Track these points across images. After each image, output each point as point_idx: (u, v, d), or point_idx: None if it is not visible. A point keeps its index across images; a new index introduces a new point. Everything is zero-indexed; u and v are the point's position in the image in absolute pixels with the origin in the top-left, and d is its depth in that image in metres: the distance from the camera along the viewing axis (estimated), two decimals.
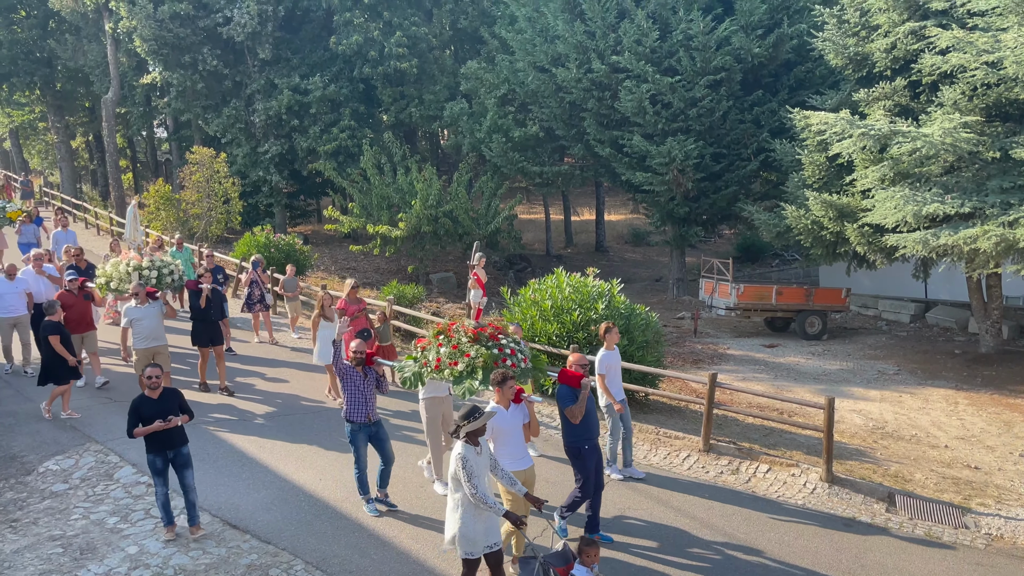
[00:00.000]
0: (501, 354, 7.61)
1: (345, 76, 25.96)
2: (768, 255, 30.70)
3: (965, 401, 13.23)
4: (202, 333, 12.03)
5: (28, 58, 32.56)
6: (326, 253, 25.52)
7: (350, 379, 8.18)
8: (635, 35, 20.91)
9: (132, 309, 11.01)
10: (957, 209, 13.02)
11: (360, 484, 8.33)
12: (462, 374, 7.56)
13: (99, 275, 12.66)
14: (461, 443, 5.97)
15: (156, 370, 7.58)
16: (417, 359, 7.99)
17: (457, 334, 7.80)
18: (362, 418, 8.18)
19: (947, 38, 13.19)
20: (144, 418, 7.48)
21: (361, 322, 12.02)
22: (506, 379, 6.91)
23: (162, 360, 11.02)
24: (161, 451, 7.62)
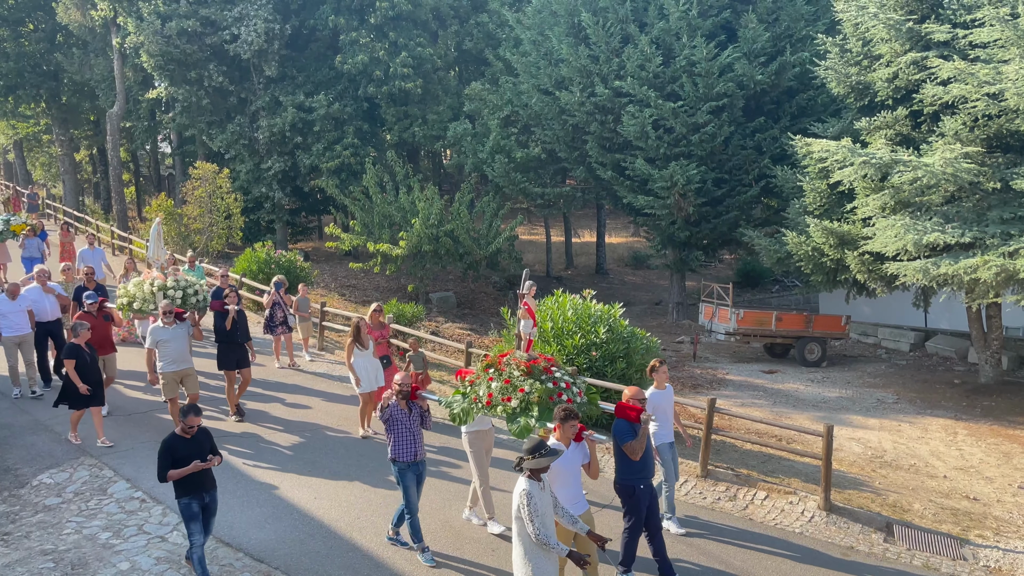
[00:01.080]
0: (556, 388, 7.15)
1: (350, 95, 26.11)
2: (768, 281, 30.72)
3: (964, 431, 13.18)
4: (228, 356, 11.49)
5: (35, 71, 32.76)
6: (326, 270, 25.53)
7: (395, 419, 7.70)
8: (638, 60, 21.06)
9: (159, 330, 10.51)
10: (958, 239, 13.04)
11: (413, 531, 7.75)
12: (516, 411, 7.08)
13: (121, 295, 12.13)
14: (524, 479, 5.67)
15: (197, 420, 7.00)
16: (466, 394, 7.51)
17: (508, 367, 7.33)
18: (410, 457, 7.68)
19: (949, 69, 13.27)
20: (179, 459, 6.91)
21: (383, 348, 11.52)
22: (570, 416, 6.45)
23: (190, 384, 10.70)
24: (198, 494, 7.07)
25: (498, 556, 7.81)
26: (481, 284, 26.29)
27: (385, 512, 8.59)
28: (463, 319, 21.96)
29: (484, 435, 8.31)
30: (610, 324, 11.96)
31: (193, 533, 7.06)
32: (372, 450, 10.66)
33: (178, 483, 6.97)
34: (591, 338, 11.72)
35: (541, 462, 5.65)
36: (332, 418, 11.90)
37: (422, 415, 7.87)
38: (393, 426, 7.67)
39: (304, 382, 13.83)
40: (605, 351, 11.69)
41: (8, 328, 12.06)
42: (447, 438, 11.22)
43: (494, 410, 7.16)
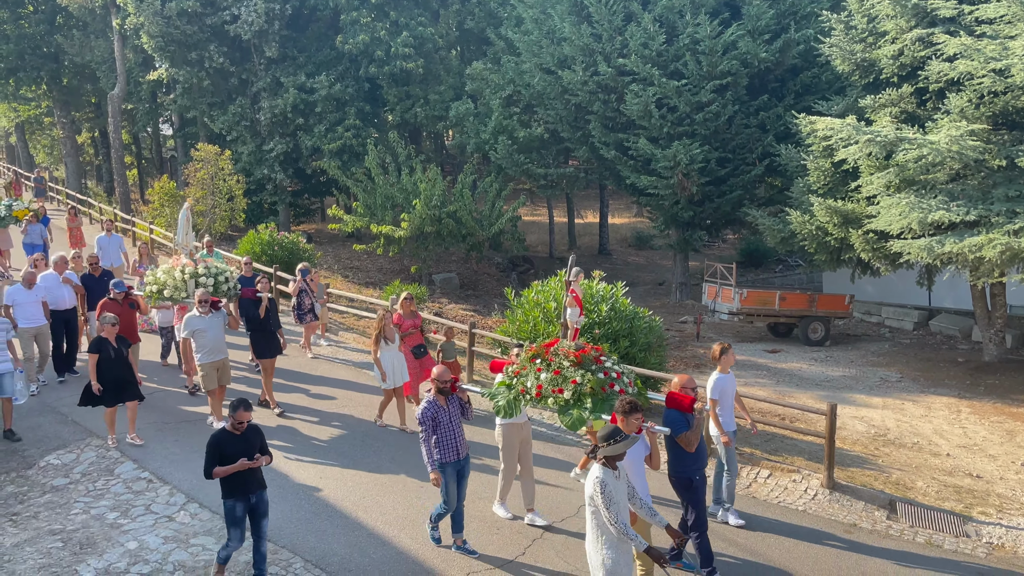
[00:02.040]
0: (607, 378, 6.89)
1: (351, 75, 25.98)
2: (772, 260, 30.67)
3: (968, 409, 13.19)
4: (263, 344, 11.22)
5: (35, 53, 32.64)
6: (329, 252, 25.53)
7: (436, 419, 7.34)
8: (642, 38, 20.90)
9: (195, 319, 10.16)
10: (962, 217, 12.99)
11: (437, 518, 7.66)
12: (568, 403, 6.80)
13: (149, 282, 11.60)
14: (599, 466, 5.46)
15: (247, 415, 6.66)
16: (511, 386, 7.20)
17: (557, 358, 7.05)
18: (453, 455, 7.39)
19: (955, 45, 13.16)
20: (226, 456, 6.59)
21: (416, 338, 11.25)
22: (634, 408, 6.10)
23: (225, 374, 10.45)
24: (244, 496, 6.71)
25: (537, 549, 7.75)
26: (484, 265, 26.28)
27: (392, 492, 8.63)
28: (466, 300, 21.98)
29: (519, 428, 8.11)
30: (612, 303, 11.96)
31: (232, 539, 6.77)
32: (385, 435, 10.67)
33: (224, 482, 6.66)
34: (593, 317, 11.72)
35: (616, 449, 5.43)
36: (360, 407, 11.61)
37: (462, 406, 7.60)
38: (435, 427, 7.33)
39: (332, 371, 13.49)
40: (607, 330, 11.69)
41: (24, 319, 11.65)
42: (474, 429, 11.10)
43: (544, 402, 6.90)
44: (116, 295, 11.09)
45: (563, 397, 6.78)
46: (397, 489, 9.00)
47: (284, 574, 7.18)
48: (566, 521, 8.33)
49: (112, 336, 9.61)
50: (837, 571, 7.49)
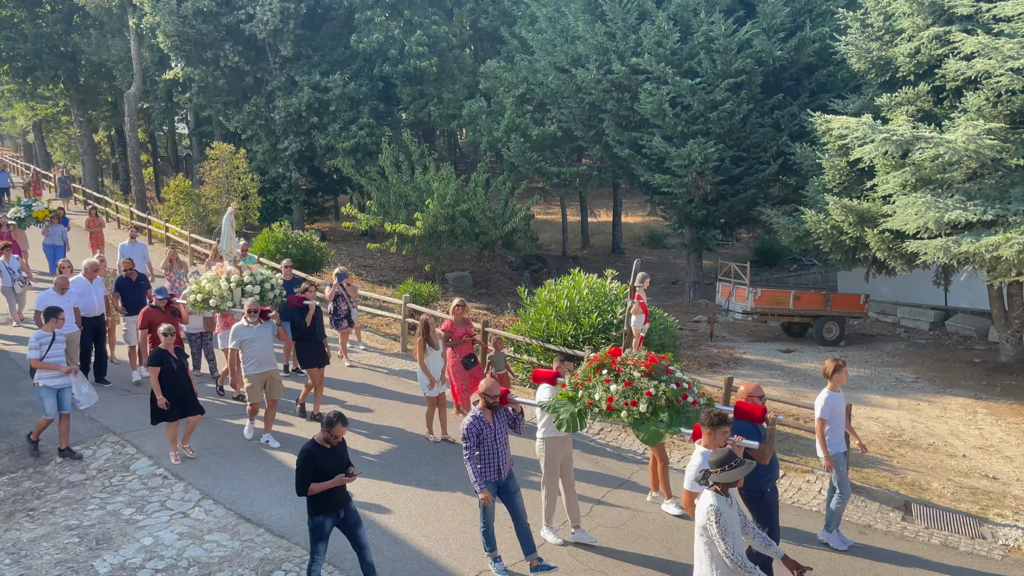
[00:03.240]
0: (680, 389, 6.57)
1: (365, 74, 26.05)
2: (786, 260, 30.51)
3: (984, 410, 13.09)
4: (309, 353, 10.75)
5: (52, 52, 32.91)
6: (343, 250, 25.61)
7: (481, 435, 6.92)
8: (656, 37, 20.84)
9: (243, 329, 9.79)
10: (979, 216, 12.88)
11: (486, 538, 7.21)
12: (644, 416, 6.45)
13: (193, 290, 11.20)
14: (711, 493, 5.14)
15: (343, 430, 6.38)
16: (576, 398, 6.79)
17: (626, 367, 6.68)
18: (494, 475, 7.01)
19: (972, 44, 13.05)
20: (320, 472, 6.29)
21: (467, 347, 10.80)
22: (723, 421, 5.83)
23: (274, 387, 10.02)
24: (334, 511, 6.49)
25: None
26: (497, 264, 26.29)
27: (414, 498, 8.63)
28: (479, 298, 22.00)
29: (562, 441, 7.75)
30: (626, 303, 11.94)
31: (318, 553, 6.52)
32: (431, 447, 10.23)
33: (313, 499, 6.39)
34: (608, 317, 11.71)
35: (732, 476, 5.08)
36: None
37: (513, 419, 7.21)
38: (480, 444, 6.95)
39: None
40: (622, 331, 11.67)
41: None
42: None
43: (617, 415, 6.54)
44: (159, 302, 10.72)
45: (637, 410, 6.41)
46: (410, 489, 9.02)
47: (298, 572, 7.22)
48: (615, 538, 7.97)
49: (171, 348, 9.23)
50: (851, 572, 7.46)
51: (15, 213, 19.18)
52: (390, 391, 12.44)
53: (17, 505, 8.47)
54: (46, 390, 9.31)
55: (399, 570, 7.34)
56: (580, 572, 7.37)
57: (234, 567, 7.28)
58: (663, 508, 8.59)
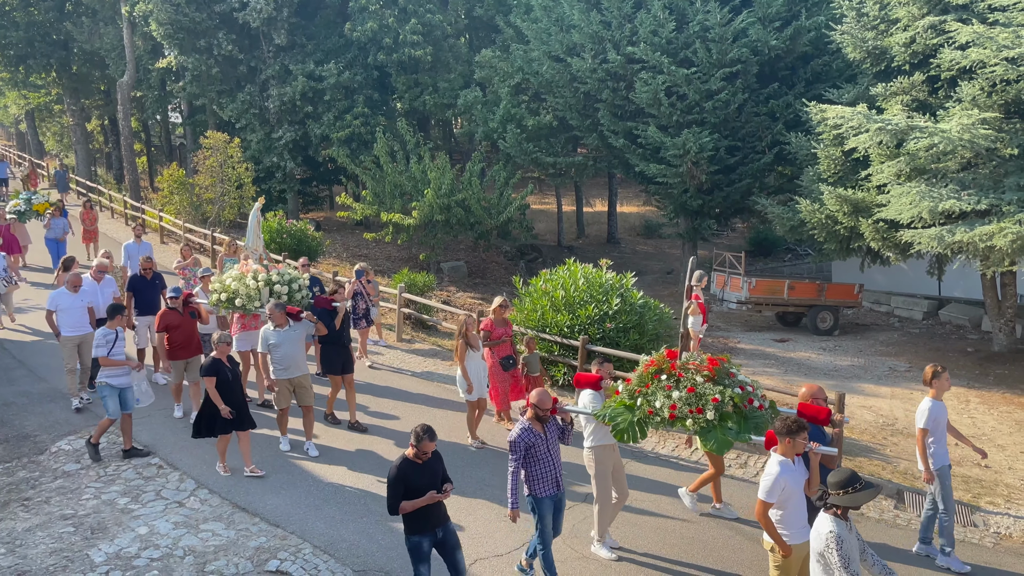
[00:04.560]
0: (746, 393, 6.22)
1: (359, 63, 25.94)
2: (781, 249, 30.56)
3: (977, 399, 13.15)
4: (334, 358, 10.24)
5: (44, 40, 32.69)
6: (338, 240, 25.58)
7: (532, 446, 6.50)
8: (651, 26, 20.79)
9: (268, 333, 9.27)
10: (973, 206, 12.91)
11: (546, 563, 6.73)
12: (711, 424, 6.08)
13: (216, 289, 10.62)
14: (830, 518, 4.82)
15: (432, 444, 5.99)
16: (634, 407, 6.41)
17: (688, 372, 6.31)
18: (551, 489, 6.63)
19: (967, 33, 13.04)
20: (412, 489, 5.94)
21: (507, 348, 10.33)
22: (801, 428, 5.49)
23: (304, 394, 9.46)
24: (431, 531, 6.09)
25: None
26: (492, 254, 26.29)
27: None
28: (474, 288, 22.00)
29: (612, 449, 7.37)
30: (622, 294, 11.95)
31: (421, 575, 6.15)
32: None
33: (408, 519, 6.04)
34: (604, 308, 11.71)
35: (857, 499, 4.75)
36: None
37: (562, 430, 6.82)
38: (531, 456, 6.53)
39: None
40: (618, 322, 11.69)
41: (68, 326, 10.63)
42: None
43: (681, 424, 6.19)
44: (174, 303, 10.07)
45: (704, 418, 6.04)
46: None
47: (293, 560, 7.24)
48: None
49: (225, 356, 8.72)
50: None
51: (15, 206, 18.74)
52: (416, 394, 11.95)
53: (12, 495, 8.47)
54: (109, 389, 9.05)
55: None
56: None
57: (229, 556, 7.30)
58: (679, 492, 8.54)
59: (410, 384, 12.51)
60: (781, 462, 5.62)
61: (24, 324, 14.45)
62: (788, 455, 5.63)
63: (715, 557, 7.52)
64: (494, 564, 7.32)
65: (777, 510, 5.65)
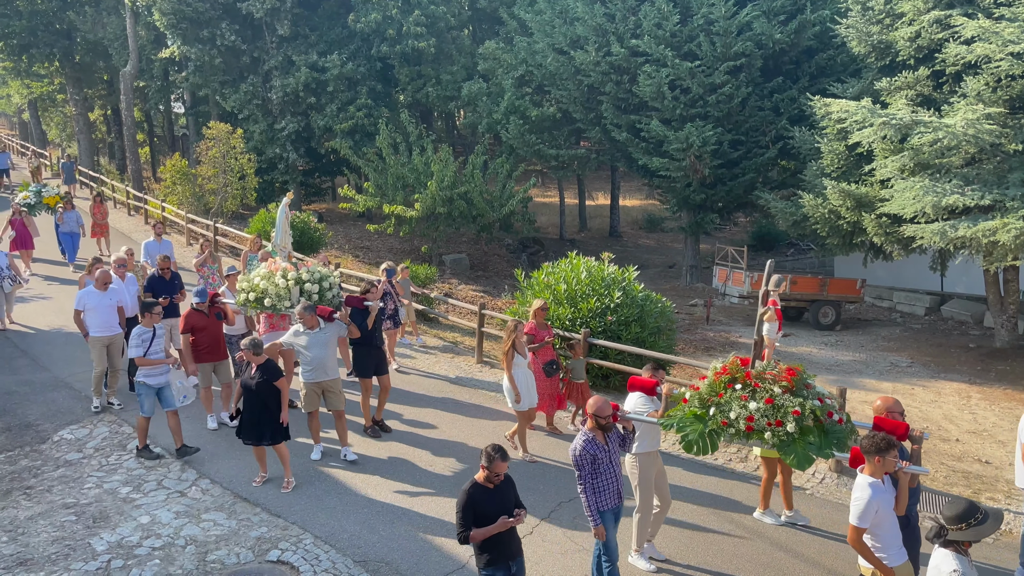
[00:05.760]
0: (825, 406, 5.87)
1: (363, 54, 25.89)
2: (783, 244, 30.53)
3: (978, 395, 13.15)
4: (366, 360, 9.75)
5: (48, 29, 32.65)
6: (340, 232, 25.56)
7: (596, 459, 6.13)
8: (655, 19, 20.73)
9: (297, 334, 8.89)
10: (977, 201, 12.88)
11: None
12: (791, 437, 5.76)
13: (244, 289, 10.16)
14: (951, 555, 4.51)
15: (504, 466, 5.54)
16: (706, 417, 6.10)
17: (764, 383, 5.99)
18: (614, 502, 6.29)
19: (972, 28, 13.00)
20: (482, 515, 5.51)
21: (548, 352, 9.95)
22: (891, 445, 5.11)
23: (333, 398, 8.99)
24: (504, 563, 5.63)
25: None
26: (494, 246, 26.28)
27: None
28: (476, 281, 22.00)
29: (655, 456, 7.10)
30: (624, 288, 11.95)
31: None
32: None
33: (481, 548, 5.62)
34: (606, 302, 11.71)
35: (981, 532, 4.44)
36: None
37: (623, 438, 6.49)
38: (595, 469, 6.17)
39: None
40: (620, 315, 11.69)
41: (97, 326, 10.17)
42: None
43: (758, 436, 5.87)
44: (199, 305, 9.58)
45: (783, 431, 5.73)
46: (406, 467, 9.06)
47: (294, 550, 7.26)
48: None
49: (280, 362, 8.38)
50: (844, 554, 7.51)
51: (24, 199, 18.41)
52: (449, 400, 11.41)
53: (14, 483, 8.50)
54: (145, 388, 8.82)
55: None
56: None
57: (231, 546, 7.32)
58: (755, 516, 8.07)
59: (442, 388, 11.93)
60: (872, 483, 5.25)
61: (26, 314, 14.45)
62: (877, 475, 5.28)
63: (760, 571, 7.21)
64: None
65: (871, 533, 5.32)
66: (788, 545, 7.61)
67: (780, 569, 7.17)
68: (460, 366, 13.16)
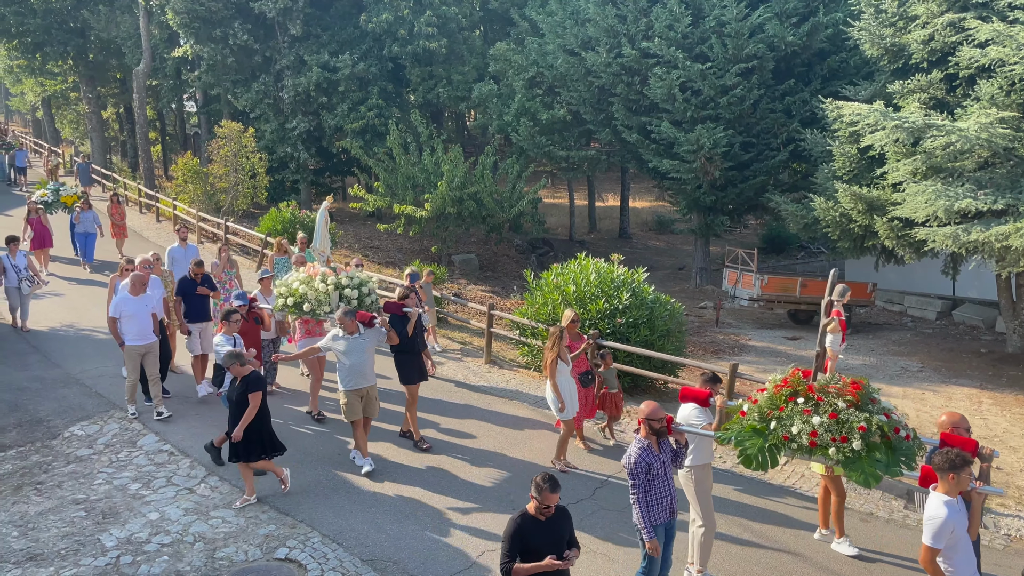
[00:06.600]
0: (892, 421, 5.64)
1: (374, 54, 25.95)
2: (794, 247, 30.43)
3: (989, 401, 13.07)
4: (410, 368, 9.53)
5: (62, 28, 32.85)
6: (350, 231, 25.62)
7: (652, 468, 5.93)
8: (667, 20, 20.70)
9: (337, 340, 8.69)
10: (990, 205, 12.80)
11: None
12: (857, 454, 5.50)
13: (282, 293, 9.93)
14: None
15: (555, 497, 5.16)
16: (766, 431, 5.83)
17: (828, 396, 5.74)
18: (666, 514, 6.08)
19: (986, 31, 12.92)
20: (530, 550, 5.14)
21: (583, 362, 9.81)
22: (965, 462, 4.93)
23: (370, 405, 8.84)
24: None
25: None
26: (504, 247, 26.29)
27: None
28: (485, 281, 22.01)
29: (710, 469, 6.85)
30: (633, 289, 11.93)
31: None
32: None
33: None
34: (615, 303, 11.70)
35: None
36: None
37: (675, 452, 6.22)
38: (649, 480, 5.95)
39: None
40: (629, 317, 11.67)
41: (134, 335, 9.75)
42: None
43: (822, 452, 5.60)
44: (239, 308, 9.43)
45: (849, 447, 5.49)
46: (411, 468, 9.07)
47: (302, 548, 7.28)
48: None
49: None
50: (854, 560, 7.48)
51: (42, 196, 18.34)
52: (478, 409, 11.15)
53: (25, 478, 8.55)
54: None
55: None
56: None
57: (239, 543, 7.35)
58: (833, 547, 7.69)
59: (469, 397, 11.66)
60: (947, 502, 5.07)
61: (39, 311, 14.54)
62: (952, 493, 5.09)
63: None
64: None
65: (944, 556, 5.15)
66: (855, 572, 7.58)
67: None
68: (470, 367, 13.16)
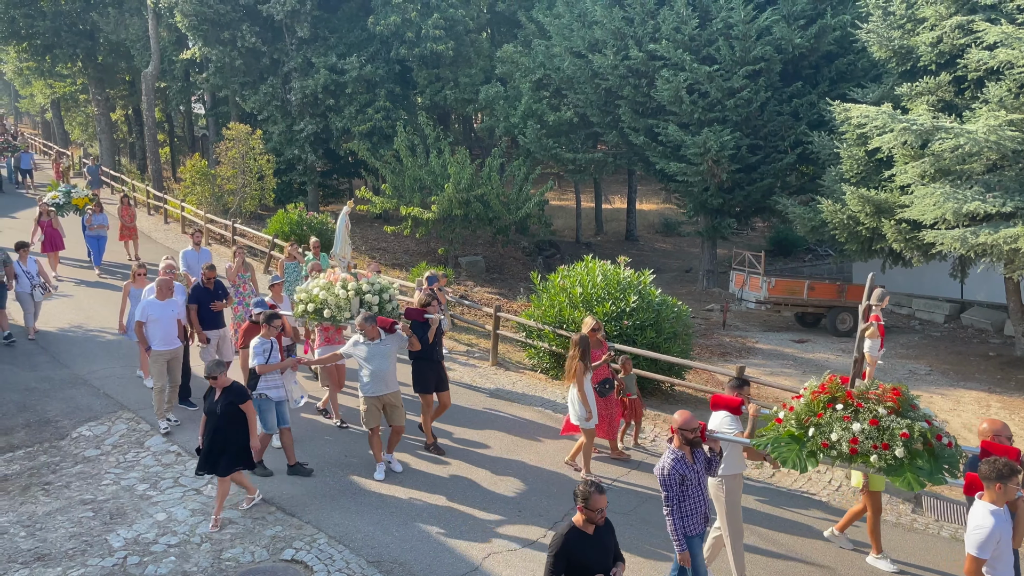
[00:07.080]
0: (934, 428, 5.54)
1: (381, 57, 26.01)
2: (801, 249, 30.34)
3: (998, 404, 13.01)
4: (427, 375, 9.38)
5: (71, 30, 33.03)
6: (357, 233, 25.66)
7: (686, 479, 5.86)
8: (674, 22, 20.68)
9: (358, 346, 8.62)
10: (998, 208, 12.75)
11: None
12: (899, 461, 5.41)
13: (302, 299, 9.74)
14: None
15: (603, 501, 4.98)
16: (803, 438, 5.72)
17: (868, 403, 5.63)
18: (700, 524, 5.99)
19: (995, 33, 12.88)
20: (579, 566, 4.91)
21: (604, 370, 9.54)
22: (1013, 472, 4.83)
23: (394, 413, 8.77)
24: None
25: None
26: (510, 249, 26.30)
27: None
28: (492, 283, 22.02)
29: (741, 479, 6.75)
30: (640, 292, 11.92)
31: None
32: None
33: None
34: (621, 305, 11.69)
35: None
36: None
37: (709, 461, 6.13)
38: (683, 490, 5.86)
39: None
40: (635, 319, 11.66)
41: (159, 339, 9.61)
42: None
43: (864, 459, 5.49)
44: (259, 316, 9.15)
45: (891, 455, 5.39)
46: (419, 470, 9.08)
47: (308, 549, 7.30)
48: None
49: None
50: (861, 562, 7.45)
51: (53, 199, 18.22)
52: (485, 412, 11.11)
53: (33, 479, 8.59)
54: (267, 403, 8.52)
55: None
56: None
57: (245, 544, 7.36)
58: (868, 561, 7.52)
59: (485, 402, 11.58)
60: (993, 511, 4.97)
61: (47, 312, 14.58)
62: (998, 503, 4.99)
63: None
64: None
65: (989, 566, 5.05)
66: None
67: None
68: (477, 369, 13.17)
